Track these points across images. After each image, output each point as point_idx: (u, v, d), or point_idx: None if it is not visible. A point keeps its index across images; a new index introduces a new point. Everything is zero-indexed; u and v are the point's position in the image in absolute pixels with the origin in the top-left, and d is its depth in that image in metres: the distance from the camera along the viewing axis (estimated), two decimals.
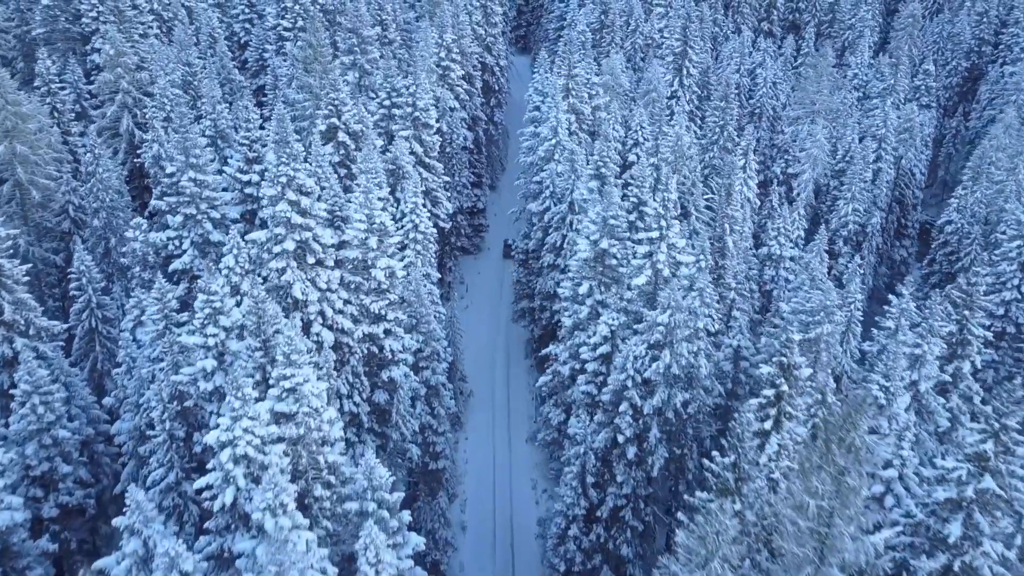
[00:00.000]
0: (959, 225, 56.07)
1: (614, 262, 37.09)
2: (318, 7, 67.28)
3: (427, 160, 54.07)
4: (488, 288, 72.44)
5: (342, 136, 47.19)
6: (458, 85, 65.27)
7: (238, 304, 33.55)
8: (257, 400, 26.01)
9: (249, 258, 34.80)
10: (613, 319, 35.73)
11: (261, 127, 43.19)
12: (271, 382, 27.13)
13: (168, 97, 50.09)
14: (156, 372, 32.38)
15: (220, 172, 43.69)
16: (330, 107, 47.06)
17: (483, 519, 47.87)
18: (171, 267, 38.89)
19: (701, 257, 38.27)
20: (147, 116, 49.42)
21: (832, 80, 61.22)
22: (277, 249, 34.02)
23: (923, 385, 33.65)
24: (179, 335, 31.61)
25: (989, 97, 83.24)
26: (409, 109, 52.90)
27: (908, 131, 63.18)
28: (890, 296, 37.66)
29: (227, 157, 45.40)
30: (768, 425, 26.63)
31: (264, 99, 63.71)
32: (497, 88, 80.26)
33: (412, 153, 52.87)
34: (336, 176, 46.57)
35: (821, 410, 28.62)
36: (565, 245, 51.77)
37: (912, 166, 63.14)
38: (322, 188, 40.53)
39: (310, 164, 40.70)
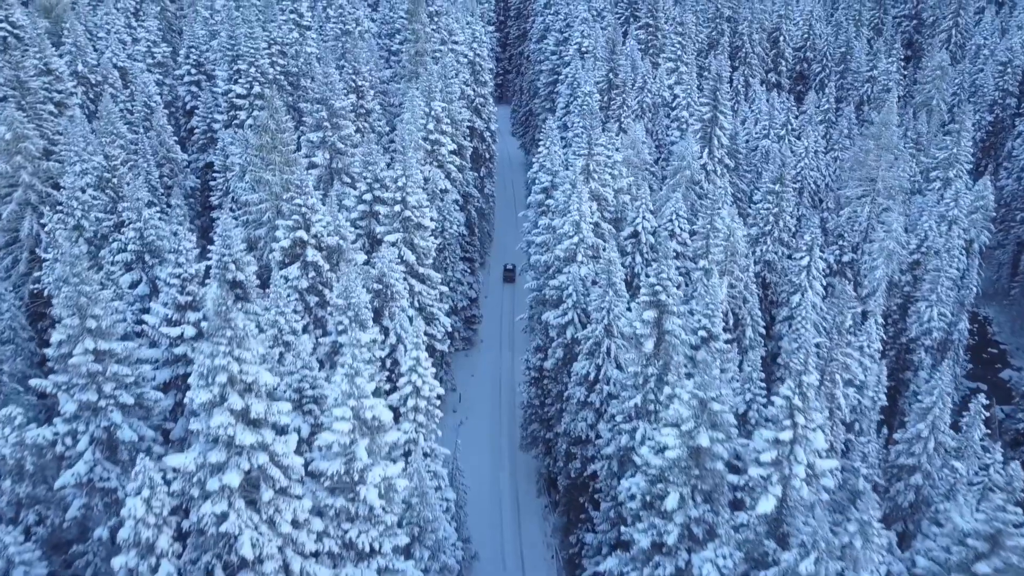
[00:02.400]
0: None
1: (720, 465, 24.84)
2: (278, 69, 54.55)
3: (421, 270, 41.44)
4: (486, 391, 59.73)
5: (312, 254, 34.36)
6: (449, 161, 52.92)
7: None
8: None
9: (170, 495, 21.75)
10: (723, 558, 23.32)
11: (202, 254, 30.31)
12: None
13: (77, 200, 36.83)
14: None
15: (140, 320, 30.56)
16: (295, 216, 34.23)
17: None
18: (59, 481, 25.53)
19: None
20: (45, 228, 35.88)
21: (897, 152, 50.47)
22: (214, 485, 21.05)
23: None
24: None
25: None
26: (398, 207, 40.29)
27: (982, 209, 52.53)
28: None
29: (153, 290, 32.30)
30: None
31: (211, 183, 50.56)
32: (488, 156, 68.17)
33: (402, 261, 40.24)
34: (305, 319, 33.75)
35: None
36: (600, 378, 39.40)
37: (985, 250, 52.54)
38: (283, 350, 27.66)
39: (265, 320, 27.81)
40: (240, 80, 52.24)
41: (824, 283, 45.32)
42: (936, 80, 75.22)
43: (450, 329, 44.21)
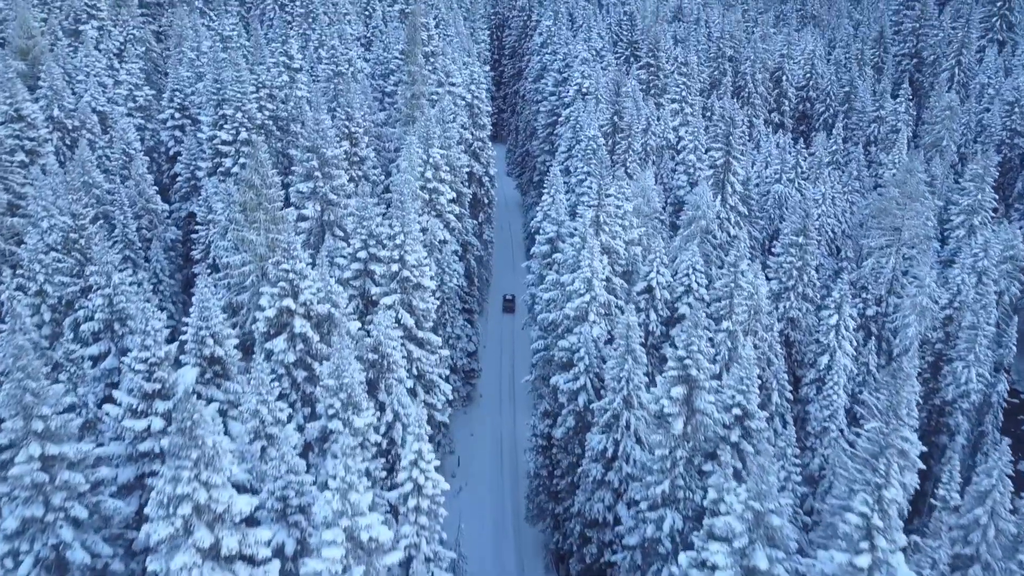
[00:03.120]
0: None
1: None
2: (267, 114, 51.12)
3: (420, 334, 37.62)
4: (486, 454, 55.60)
5: (300, 325, 30.50)
6: (449, 211, 49.40)
7: None
8: None
9: None
10: None
11: (171, 338, 26.45)
12: None
13: (40, 263, 32.95)
14: None
15: (109, 397, 26.59)
16: (282, 283, 30.43)
17: None
18: None
19: None
20: (4, 295, 31.87)
21: (924, 201, 47.32)
22: None
23: None
24: None
25: None
26: (395, 266, 36.58)
27: (1011, 259, 49.31)
28: None
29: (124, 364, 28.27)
30: None
31: (194, 235, 46.79)
32: (487, 201, 64.79)
33: (399, 324, 36.40)
34: (292, 396, 29.89)
35: None
36: (619, 455, 35.49)
37: (1019, 304, 49.21)
38: (265, 444, 23.80)
39: (246, 408, 23.94)
40: (226, 126, 48.76)
41: (853, 341, 41.81)
42: (945, 120, 72.67)
43: (451, 396, 40.27)
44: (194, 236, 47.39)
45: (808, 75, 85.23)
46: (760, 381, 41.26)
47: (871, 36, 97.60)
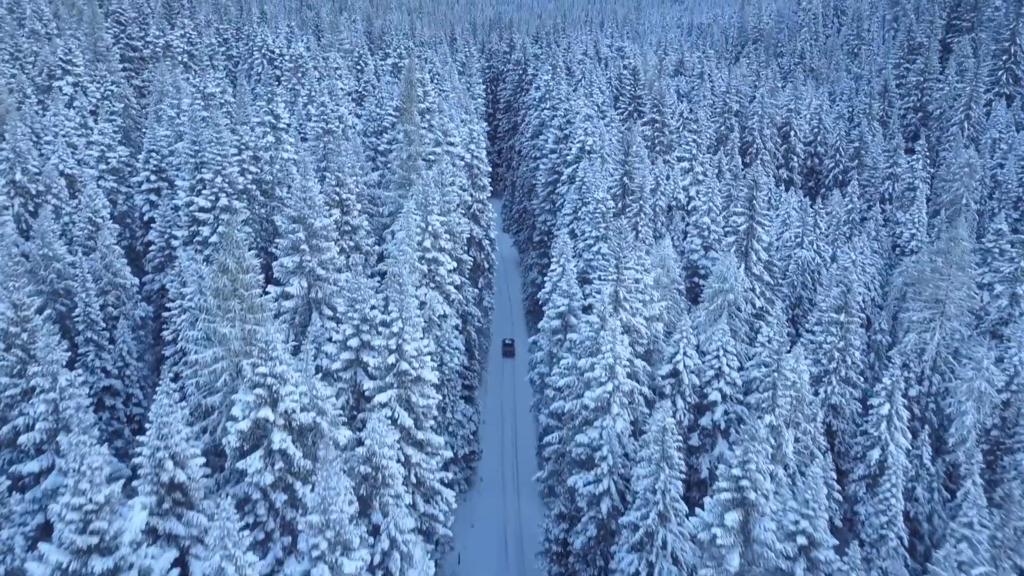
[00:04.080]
0: None
1: None
2: (249, 178, 46.58)
3: (420, 435, 32.39)
4: (490, 549, 49.73)
5: (279, 440, 25.28)
6: (449, 282, 44.64)
7: None
8: None
9: None
10: None
11: (138, 428, 21.18)
12: None
13: None
14: None
15: (33, 547, 21.16)
16: (259, 390, 25.31)
17: None
18: None
19: None
20: None
21: (967, 272, 43.01)
22: None
23: None
24: None
25: None
26: (392, 358, 31.54)
27: None
28: None
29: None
30: None
31: (165, 316, 41.64)
32: (487, 265, 60.19)
33: (394, 423, 31.22)
34: (269, 525, 24.58)
35: None
36: None
37: None
38: None
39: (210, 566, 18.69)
40: (204, 191, 44.08)
41: (907, 434, 36.91)
42: (964, 178, 69.11)
43: (454, 505, 34.89)
44: (166, 314, 42.29)
45: (815, 130, 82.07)
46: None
47: (875, 90, 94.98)
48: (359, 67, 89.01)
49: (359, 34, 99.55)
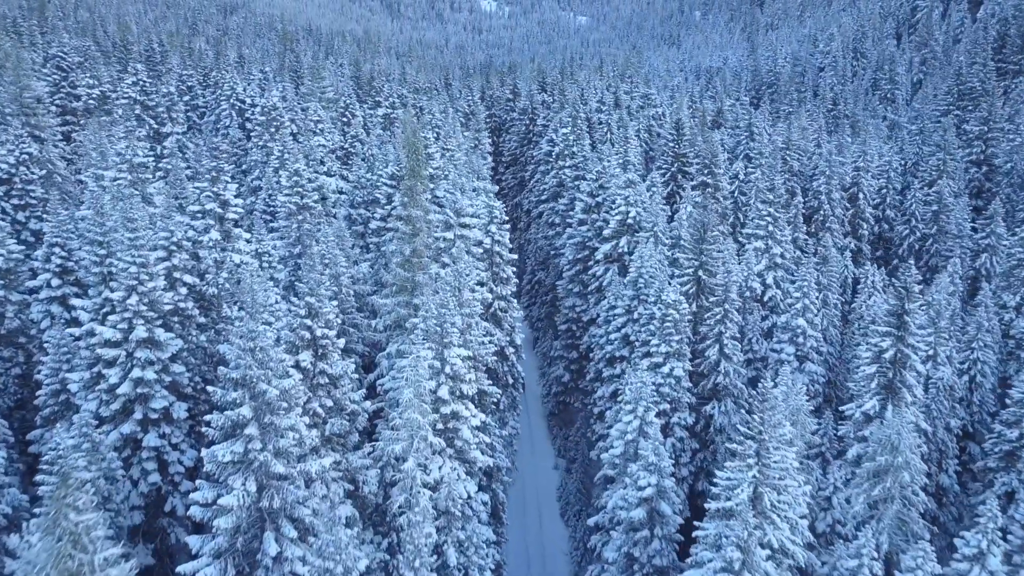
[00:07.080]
0: None
1: None
2: (182, 294, 31.32)
3: None
4: None
5: None
6: (476, 444, 29.46)
7: None
8: None
9: None
10: None
11: None
12: None
13: None
14: None
15: None
16: None
17: None
18: None
19: None
20: None
21: None
22: None
23: None
24: None
25: None
26: None
27: None
28: None
29: None
30: None
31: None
32: (511, 381, 45.10)
33: None
34: None
35: None
36: None
37: None
38: None
39: None
40: (112, 316, 28.88)
41: None
42: None
43: None
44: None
45: (883, 190, 68.38)
46: None
47: (932, 141, 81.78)
48: (344, 119, 74.57)
49: (345, 80, 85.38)
